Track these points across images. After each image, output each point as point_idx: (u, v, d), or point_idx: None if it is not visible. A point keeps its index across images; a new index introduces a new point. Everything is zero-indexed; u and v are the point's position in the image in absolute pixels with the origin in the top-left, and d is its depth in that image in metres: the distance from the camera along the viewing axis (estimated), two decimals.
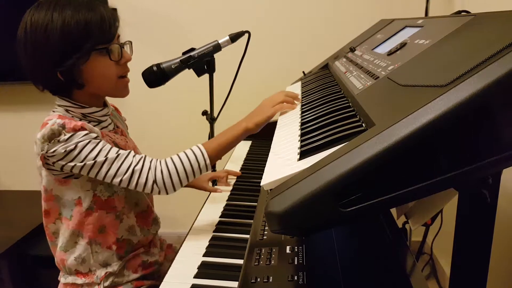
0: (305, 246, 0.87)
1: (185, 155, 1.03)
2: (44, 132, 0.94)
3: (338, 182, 0.50)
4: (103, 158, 0.96)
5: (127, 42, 1.07)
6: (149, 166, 0.99)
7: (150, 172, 0.99)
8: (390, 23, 1.24)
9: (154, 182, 0.99)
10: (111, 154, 0.97)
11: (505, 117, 0.47)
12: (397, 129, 0.48)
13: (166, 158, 1.03)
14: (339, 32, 2.09)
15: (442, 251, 2.03)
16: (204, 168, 1.04)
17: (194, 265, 0.96)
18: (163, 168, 1.00)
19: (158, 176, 0.99)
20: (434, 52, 0.69)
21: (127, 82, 1.08)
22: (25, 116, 2.49)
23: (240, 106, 2.16)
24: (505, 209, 1.28)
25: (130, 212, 1.11)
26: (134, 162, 0.98)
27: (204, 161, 1.03)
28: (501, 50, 0.48)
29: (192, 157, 1.02)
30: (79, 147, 0.94)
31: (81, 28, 0.94)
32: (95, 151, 0.96)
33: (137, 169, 0.98)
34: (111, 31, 0.99)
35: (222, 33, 1.32)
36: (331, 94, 0.98)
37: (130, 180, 0.98)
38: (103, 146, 0.97)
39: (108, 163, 0.96)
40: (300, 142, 0.74)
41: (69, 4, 0.95)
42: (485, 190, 0.59)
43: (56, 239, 1.10)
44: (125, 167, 0.97)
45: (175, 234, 2.13)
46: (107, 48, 0.99)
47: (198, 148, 1.04)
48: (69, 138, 0.94)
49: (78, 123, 0.95)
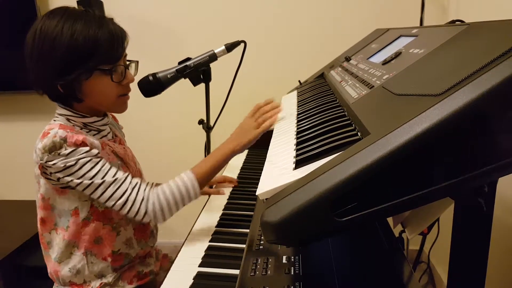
0: (302, 256, 0.86)
1: (177, 186, 1.02)
2: (46, 142, 0.93)
3: (333, 191, 0.49)
4: (100, 180, 0.96)
5: (134, 62, 1.07)
6: (142, 196, 0.99)
7: (142, 203, 0.99)
8: (385, 33, 1.25)
9: (146, 213, 0.99)
10: (108, 178, 0.96)
11: (500, 126, 0.47)
12: (392, 138, 0.48)
13: (159, 189, 1.02)
14: (335, 41, 2.10)
15: (440, 260, 2.03)
16: (194, 196, 1.04)
17: (190, 276, 0.95)
18: (155, 200, 0.99)
19: (150, 208, 0.99)
20: (428, 61, 0.70)
21: (126, 100, 1.08)
22: (20, 126, 2.48)
23: (236, 115, 2.17)
24: (501, 217, 1.28)
25: (127, 224, 1.11)
26: (129, 189, 0.98)
27: (194, 190, 1.03)
28: (495, 59, 0.49)
29: (183, 188, 1.02)
30: (79, 164, 0.94)
31: (89, 45, 0.93)
32: (94, 171, 0.95)
33: (131, 198, 0.98)
34: (118, 52, 0.99)
35: (218, 43, 1.32)
36: (326, 103, 0.98)
37: (123, 207, 0.98)
38: (102, 167, 0.97)
39: (104, 186, 0.96)
40: (296, 151, 0.74)
41: (81, 18, 0.94)
42: (481, 199, 0.58)
43: (50, 249, 1.09)
44: (119, 193, 0.97)
45: (171, 244, 2.12)
46: (110, 69, 0.98)
47: (189, 177, 1.03)
48: (70, 153, 0.93)
49: (80, 138, 0.94)
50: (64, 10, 0.97)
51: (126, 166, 1.10)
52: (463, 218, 0.63)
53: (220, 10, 2.19)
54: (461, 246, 0.65)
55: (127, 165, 1.11)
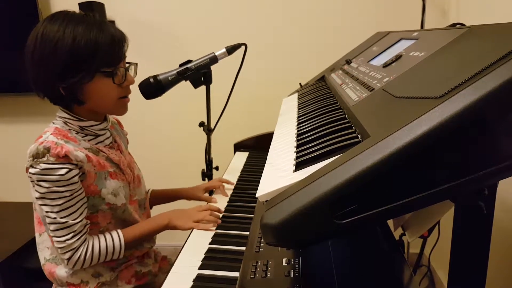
0: (302, 259, 0.86)
1: (105, 246, 1.06)
2: (32, 148, 0.95)
3: (333, 193, 0.49)
4: (52, 217, 0.98)
5: (133, 64, 1.08)
6: (74, 246, 1.01)
7: (70, 251, 1.01)
8: (386, 36, 1.25)
9: (68, 259, 1.01)
10: (59, 218, 0.98)
11: (500, 128, 0.47)
12: (392, 141, 0.48)
13: (91, 246, 1.04)
14: (336, 44, 2.10)
15: (440, 263, 2.02)
16: (116, 257, 1.08)
17: (190, 278, 0.95)
18: (82, 254, 1.02)
19: (74, 258, 1.02)
20: (429, 64, 0.70)
21: (126, 102, 1.09)
22: (19, 127, 2.49)
23: (237, 117, 2.17)
24: (502, 219, 1.28)
25: (115, 228, 1.11)
26: (69, 237, 1.00)
27: (119, 252, 1.08)
28: (495, 62, 0.49)
29: (110, 249, 1.06)
30: (44, 187, 0.95)
31: (91, 48, 0.94)
32: (53, 203, 0.97)
33: (66, 245, 1.00)
34: (119, 54, 1.00)
35: (219, 46, 1.33)
36: (327, 105, 0.99)
37: (58, 249, 1.01)
38: (63, 202, 0.97)
39: (54, 224, 0.98)
40: (296, 153, 0.74)
41: (82, 22, 0.95)
42: (481, 202, 0.58)
43: (43, 250, 1.10)
44: (61, 236, 0.99)
45: (171, 246, 2.11)
46: (112, 71, 0.99)
47: (119, 240, 1.08)
48: (46, 169, 0.94)
49: (63, 151, 0.94)
50: (65, 14, 0.97)
51: (121, 173, 1.10)
52: (464, 221, 0.63)
53: (221, 13, 2.20)
54: (461, 249, 0.65)
55: (123, 171, 1.11)
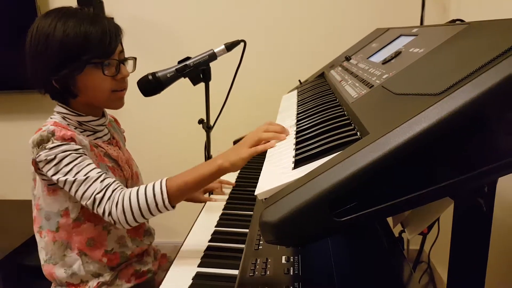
0: (301, 256, 0.86)
1: (144, 192, 0.94)
2: (34, 137, 0.96)
3: (332, 191, 0.49)
4: (72, 178, 0.94)
5: (131, 58, 1.08)
6: (108, 196, 0.94)
7: (107, 203, 0.94)
8: (385, 32, 1.24)
9: (110, 214, 0.94)
10: (80, 176, 0.94)
11: (500, 125, 0.46)
12: (391, 138, 0.48)
13: (129, 191, 0.95)
14: (335, 41, 2.09)
15: (440, 260, 2.02)
16: (163, 209, 0.95)
17: (189, 276, 0.95)
18: (119, 202, 0.94)
19: (113, 209, 0.94)
20: (428, 60, 0.69)
21: (121, 96, 1.08)
22: (20, 125, 2.48)
23: (236, 114, 2.16)
24: (501, 216, 1.28)
25: None
26: (98, 189, 0.94)
27: (162, 201, 0.94)
28: (495, 58, 0.48)
29: (150, 196, 0.94)
30: (57, 158, 0.94)
31: (80, 40, 0.96)
32: (69, 166, 0.94)
33: (98, 198, 0.94)
34: (111, 46, 1.00)
35: (217, 42, 1.32)
36: (326, 102, 0.98)
37: (93, 206, 0.95)
38: (80, 163, 0.95)
39: (76, 184, 0.94)
40: (295, 150, 0.74)
41: (74, 16, 0.98)
42: (480, 199, 0.58)
43: (39, 251, 1.10)
44: (89, 192, 0.94)
45: (171, 244, 2.11)
46: (102, 63, 1.00)
47: (160, 186, 0.95)
48: (53, 147, 0.94)
49: (68, 133, 0.96)
50: (60, 9, 1.00)
51: (119, 169, 1.10)
52: (463, 218, 0.63)
53: (220, 9, 2.19)
54: (461, 246, 0.65)
55: (121, 167, 1.11)
